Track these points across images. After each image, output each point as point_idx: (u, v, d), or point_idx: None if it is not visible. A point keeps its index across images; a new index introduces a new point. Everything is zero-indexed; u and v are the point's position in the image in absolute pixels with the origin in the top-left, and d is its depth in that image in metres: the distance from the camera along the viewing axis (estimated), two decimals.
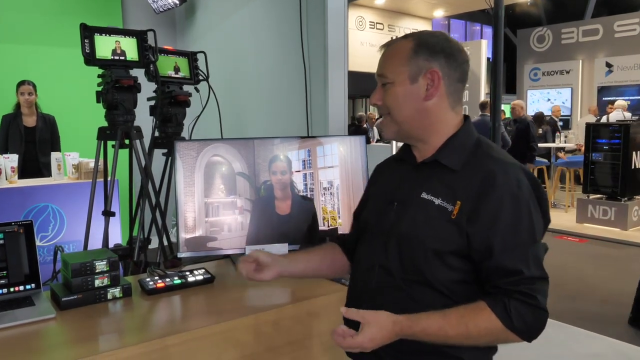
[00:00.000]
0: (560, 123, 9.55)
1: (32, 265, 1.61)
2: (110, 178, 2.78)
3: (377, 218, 1.28)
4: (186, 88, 3.07)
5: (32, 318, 1.45)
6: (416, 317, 1.11)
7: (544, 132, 8.34)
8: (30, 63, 4.65)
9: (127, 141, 2.74)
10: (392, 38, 1.31)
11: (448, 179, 1.18)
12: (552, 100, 12.43)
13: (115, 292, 1.62)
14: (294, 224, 1.99)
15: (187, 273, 1.79)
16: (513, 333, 1.07)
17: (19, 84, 4.27)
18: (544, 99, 12.79)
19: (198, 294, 1.71)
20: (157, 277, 1.74)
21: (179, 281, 1.73)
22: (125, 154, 2.86)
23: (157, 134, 3.01)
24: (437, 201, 1.17)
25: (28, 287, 1.61)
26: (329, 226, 2.03)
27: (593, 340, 3.20)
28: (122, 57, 2.64)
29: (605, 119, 8.67)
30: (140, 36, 2.70)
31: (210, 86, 3.07)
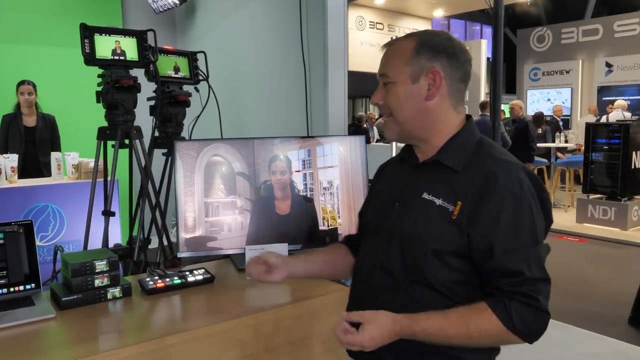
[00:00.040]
0: (561, 123, 9.55)
1: (32, 265, 1.62)
2: (110, 178, 2.78)
3: (379, 218, 1.28)
4: (186, 88, 3.07)
5: (32, 318, 1.45)
6: (416, 317, 1.10)
7: (543, 132, 8.34)
8: (30, 63, 4.65)
9: (127, 141, 2.74)
10: (392, 38, 1.31)
11: (449, 179, 1.18)
12: (552, 100, 12.42)
13: (115, 292, 1.62)
14: (294, 224, 2.00)
15: (187, 273, 1.79)
16: (514, 334, 1.07)
17: (19, 84, 4.28)
18: (544, 98, 12.79)
19: (198, 294, 1.71)
20: (157, 277, 1.74)
21: (179, 281, 1.73)
22: (125, 153, 2.86)
23: (157, 133, 3.01)
24: (438, 201, 1.16)
25: (28, 287, 1.61)
26: (328, 226, 2.03)
27: (593, 340, 3.20)
28: (122, 57, 2.64)
29: (605, 119, 8.67)
30: (140, 36, 2.70)
31: (210, 86, 3.07)
